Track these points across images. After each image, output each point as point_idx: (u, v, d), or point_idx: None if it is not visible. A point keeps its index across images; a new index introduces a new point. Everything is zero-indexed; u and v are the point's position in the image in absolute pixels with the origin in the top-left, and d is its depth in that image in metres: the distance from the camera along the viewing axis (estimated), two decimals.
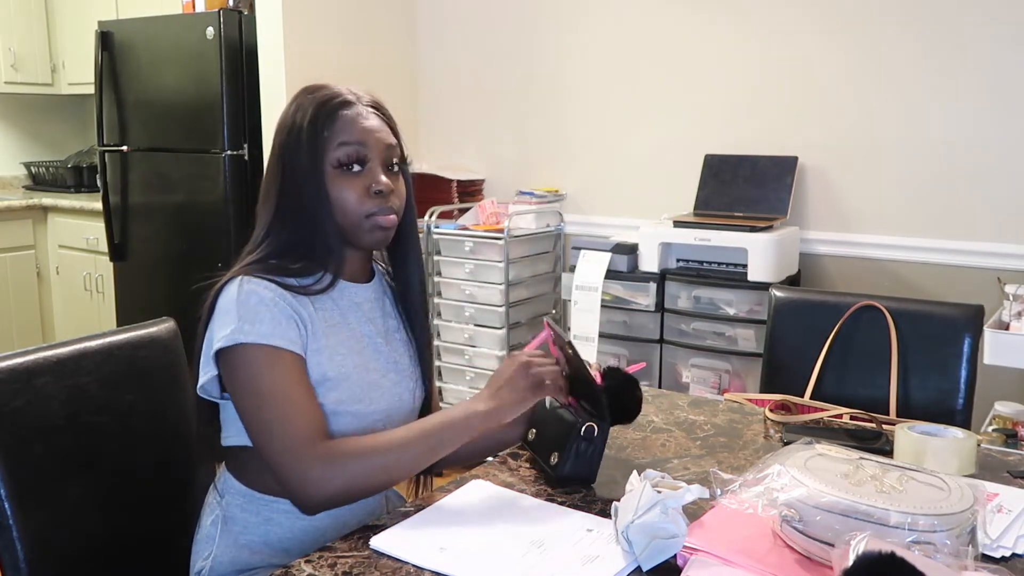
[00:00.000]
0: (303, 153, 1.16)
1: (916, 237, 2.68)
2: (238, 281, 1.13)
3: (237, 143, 3.20)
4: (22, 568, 1.14)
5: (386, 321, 1.27)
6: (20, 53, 4.32)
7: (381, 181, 1.17)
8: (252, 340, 1.09)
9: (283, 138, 1.19)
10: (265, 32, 3.11)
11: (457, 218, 3.29)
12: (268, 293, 1.12)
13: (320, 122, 1.16)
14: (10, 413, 1.16)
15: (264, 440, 1.09)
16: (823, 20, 2.76)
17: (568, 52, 3.28)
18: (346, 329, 1.20)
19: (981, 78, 2.54)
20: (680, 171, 3.03)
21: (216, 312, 1.13)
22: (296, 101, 1.21)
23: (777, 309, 1.89)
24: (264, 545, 1.17)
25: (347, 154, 1.16)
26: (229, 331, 1.09)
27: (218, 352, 1.10)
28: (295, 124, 1.18)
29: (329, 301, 1.19)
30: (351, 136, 1.16)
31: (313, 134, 1.16)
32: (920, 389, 1.73)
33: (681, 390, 2.66)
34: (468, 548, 1.01)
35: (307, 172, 1.16)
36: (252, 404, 1.09)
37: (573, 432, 1.18)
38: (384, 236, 1.20)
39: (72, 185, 4.48)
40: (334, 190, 1.16)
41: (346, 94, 1.20)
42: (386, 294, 1.31)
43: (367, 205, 1.17)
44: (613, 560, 0.98)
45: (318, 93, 1.20)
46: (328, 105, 1.17)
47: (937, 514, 0.90)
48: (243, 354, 1.09)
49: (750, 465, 1.27)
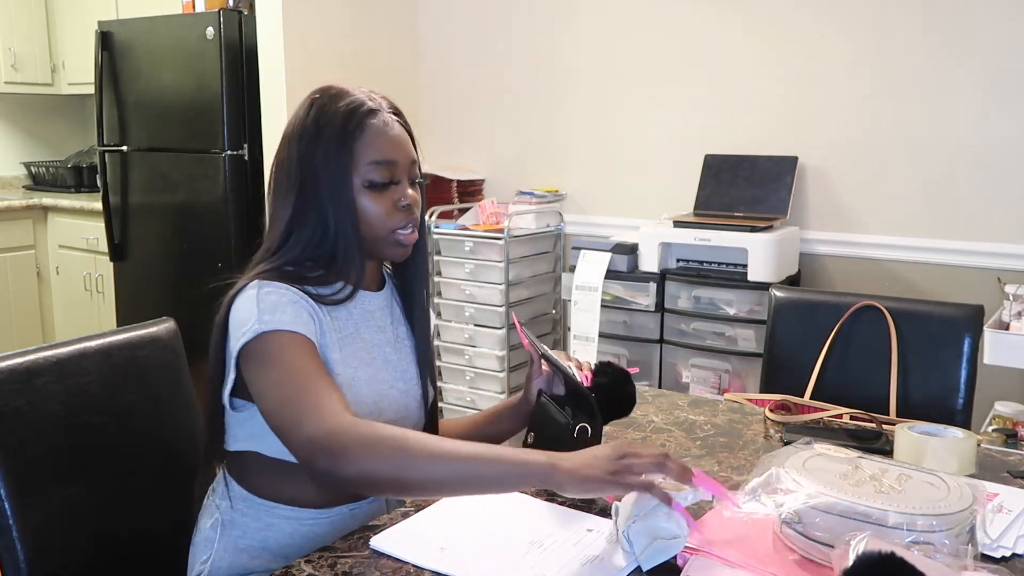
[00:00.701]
0: (331, 164, 1.15)
1: (916, 237, 2.68)
2: (255, 285, 1.10)
3: (237, 143, 3.20)
4: (22, 568, 1.14)
5: (396, 328, 1.27)
6: (20, 53, 4.32)
7: (408, 195, 1.19)
8: (275, 328, 1.06)
9: (305, 146, 1.16)
10: (265, 32, 3.11)
11: (457, 218, 3.29)
12: (288, 292, 1.11)
13: (349, 133, 1.15)
14: (10, 413, 1.16)
15: (283, 413, 1.00)
16: (823, 20, 2.76)
17: (568, 52, 3.28)
18: (359, 340, 1.19)
19: (981, 78, 2.54)
20: (680, 171, 3.03)
21: (232, 318, 1.10)
22: (314, 105, 1.18)
23: (777, 309, 1.89)
24: (263, 550, 1.17)
25: (380, 175, 1.16)
26: (250, 325, 1.06)
27: (240, 351, 1.06)
28: (319, 131, 1.15)
29: (344, 311, 1.19)
30: (382, 153, 1.16)
31: (341, 145, 1.15)
32: (920, 389, 1.73)
33: (681, 390, 2.66)
34: (468, 548, 1.01)
35: (335, 184, 1.15)
36: (274, 380, 1.03)
37: (566, 434, 1.18)
38: (404, 251, 1.21)
39: (72, 185, 4.49)
40: (362, 204, 1.16)
41: (368, 101, 1.18)
42: (395, 300, 1.30)
43: (394, 220, 1.17)
44: (613, 560, 0.98)
45: (341, 100, 1.17)
46: (356, 115, 1.16)
47: (936, 514, 0.90)
48: (265, 341, 1.05)
49: (750, 465, 1.27)
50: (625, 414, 1.28)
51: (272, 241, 1.18)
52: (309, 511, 1.16)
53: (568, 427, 1.18)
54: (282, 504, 1.16)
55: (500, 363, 3.09)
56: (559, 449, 1.18)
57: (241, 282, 1.15)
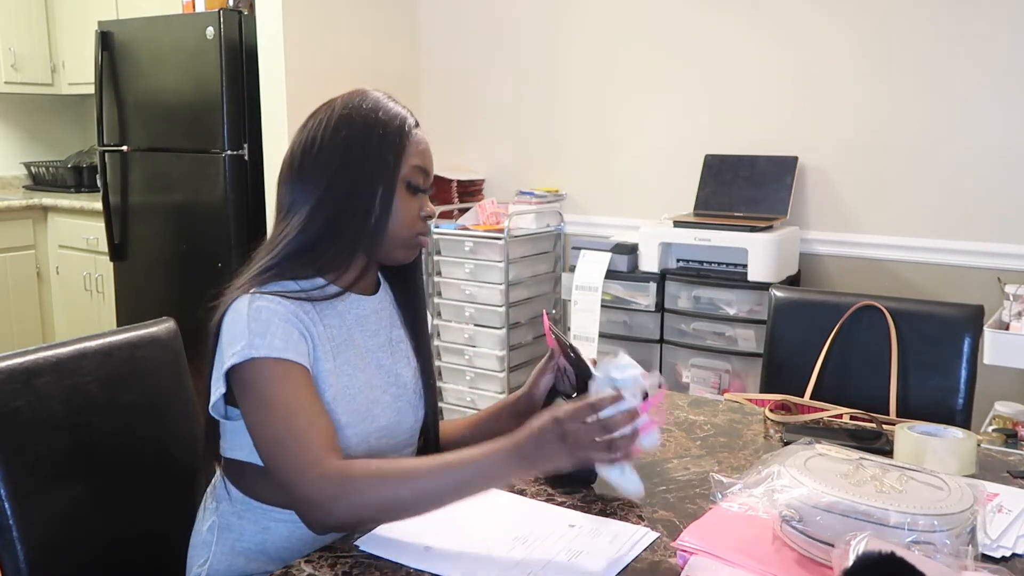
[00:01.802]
0: (381, 160, 1.18)
1: (916, 237, 2.69)
2: (247, 299, 1.11)
3: (237, 143, 3.20)
4: (22, 568, 1.14)
5: (390, 332, 1.27)
6: (20, 53, 4.32)
7: (431, 207, 1.25)
8: (264, 354, 1.07)
9: (349, 139, 1.17)
10: (265, 32, 3.11)
11: (457, 218, 3.29)
12: (280, 308, 1.11)
13: (403, 136, 1.20)
14: (10, 413, 1.16)
15: (275, 455, 1.05)
16: (823, 20, 2.76)
17: (568, 52, 3.28)
18: (352, 347, 1.20)
19: (982, 78, 2.54)
20: (680, 171, 3.03)
21: (225, 329, 1.10)
22: (359, 104, 1.20)
23: (777, 309, 1.89)
24: (260, 553, 1.17)
25: (420, 179, 1.22)
26: (240, 347, 1.07)
27: (229, 370, 1.08)
28: (370, 128, 1.18)
29: (336, 317, 1.19)
30: (423, 161, 1.22)
31: (395, 145, 1.19)
32: (920, 389, 1.73)
33: (681, 390, 2.66)
34: (453, 546, 1.02)
35: (380, 178, 1.18)
36: (263, 418, 1.06)
37: None
38: (415, 256, 1.27)
39: (72, 185, 4.49)
40: (398, 203, 1.19)
41: (409, 113, 1.23)
42: (392, 304, 1.31)
43: (418, 226, 1.23)
44: (600, 553, 1.00)
45: (384, 106, 1.21)
46: (406, 122, 1.21)
47: (937, 514, 0.90)
48: (255, 369, 1.07)
49: (750, 465, 1.27)
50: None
51: (287, 225, 1.18)
52: None
53: None
54: (279, 507, 1.16)
55: (500, 363, 3.09)
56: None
57: (237, 282, 1.15)
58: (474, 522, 1.08)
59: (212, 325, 1.13)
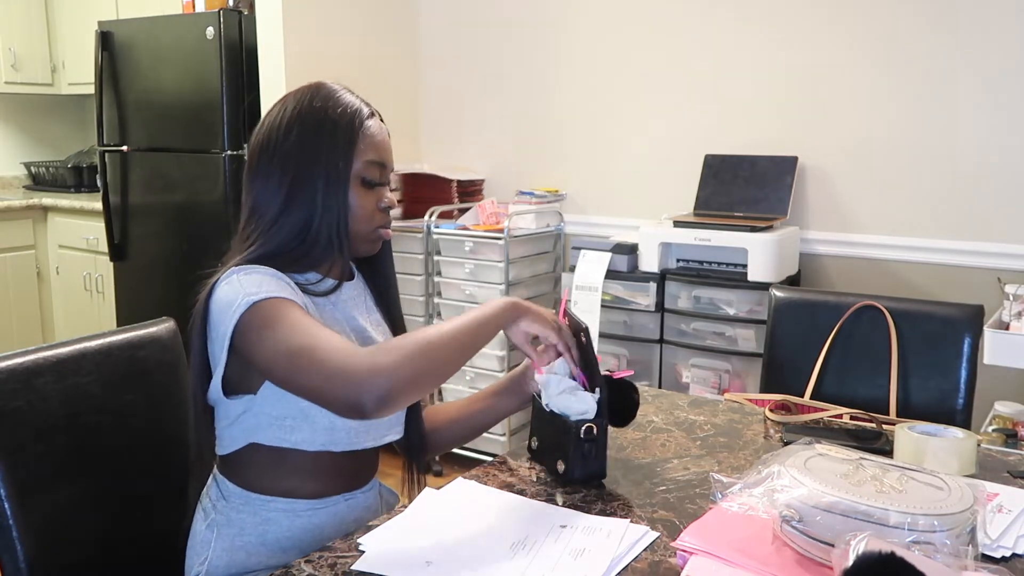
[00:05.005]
0: (333, 156, 1.17)
1: (916, 237, 2.69)
2: (233, 272, 1.12)
3: (237, 143, 3.20)
4: (22, 568, 1.14)
5: (370, 315, 1.30)
6: (20, 53, 4.32)
7: (389, 198, 1.24)
8: (264, 296, 1.07)
9: (302, 136, 1.17)
10: (265, 32, 3.11)
11: (457, 218, 3.29)
12: (268, 272, 1.12)
13: (353, 130, 1.19)
14: (10, 413, 1.16)
15: (299, 366, 1.01)
16: (824, 20, 2.76)
17: (568, 52, 3.28)
18: (348, 324, 1.22)
19: (983, 79, 2.54)
20: (680, 171, 3.03)
21: (215, 308, 1.10)
22: (311, 99, 1.20)
23: (777, 309, 1.89)
24: (261, 546, 1.17)
25: (374, 174, 1.21)
26: (238, 303, 1.06)
27: (235, 329, 1.06)
28: (320, 124, 1.18)
29: (328, 304, 1.21)
30: (378, 154, 1.22)
31: (346, 141, 1.18)
32: (920, 389, 1.73)
33: (681, 390, 2.66)
34: (453, 559, 1.00)
35: (334, 176, 1.17)
36: (280, 336, 1.03)
37: (572, 435, 1.18)
38: (377, 248, 1.27)
39: (72, 185, 4.49)
40: (354, 200, 1.19)
41: (363, 105, 1.23)
42: (366, 290, 1.33)
43: (377, 219, 1.23)
44: (600, 554, 0.99)
45: (340, 98, 1.21)
46: (359, 114, 1.20)
47: (937, 514, 0.90)
48: (261, 308, 1.06)
49: (750, 465, 1.27)
50: (627, 422, 1.28)
51: (255, 228, 1.19)
52: (305, 502, 1.18)
53: (573, 429, 1.17)
54: (278, 497, 1.17)
55: (500, 363, 3.08)
56: (566, 454, 1.19)
57: (220, 272, 1.15)
58: (474, 529, 1.08)
59: (197, 309, 1.13)
